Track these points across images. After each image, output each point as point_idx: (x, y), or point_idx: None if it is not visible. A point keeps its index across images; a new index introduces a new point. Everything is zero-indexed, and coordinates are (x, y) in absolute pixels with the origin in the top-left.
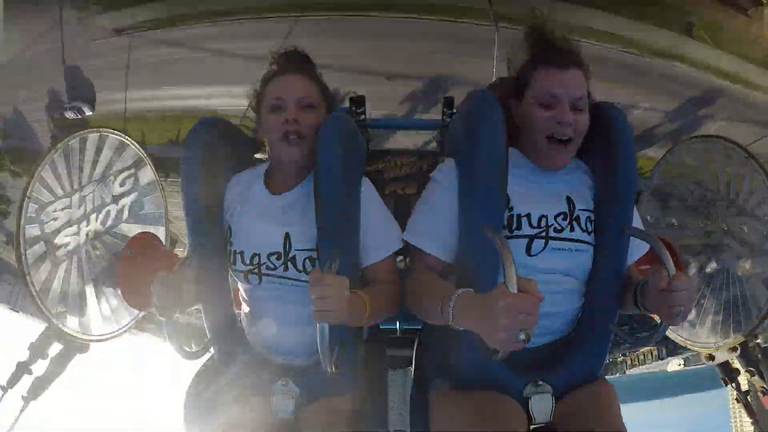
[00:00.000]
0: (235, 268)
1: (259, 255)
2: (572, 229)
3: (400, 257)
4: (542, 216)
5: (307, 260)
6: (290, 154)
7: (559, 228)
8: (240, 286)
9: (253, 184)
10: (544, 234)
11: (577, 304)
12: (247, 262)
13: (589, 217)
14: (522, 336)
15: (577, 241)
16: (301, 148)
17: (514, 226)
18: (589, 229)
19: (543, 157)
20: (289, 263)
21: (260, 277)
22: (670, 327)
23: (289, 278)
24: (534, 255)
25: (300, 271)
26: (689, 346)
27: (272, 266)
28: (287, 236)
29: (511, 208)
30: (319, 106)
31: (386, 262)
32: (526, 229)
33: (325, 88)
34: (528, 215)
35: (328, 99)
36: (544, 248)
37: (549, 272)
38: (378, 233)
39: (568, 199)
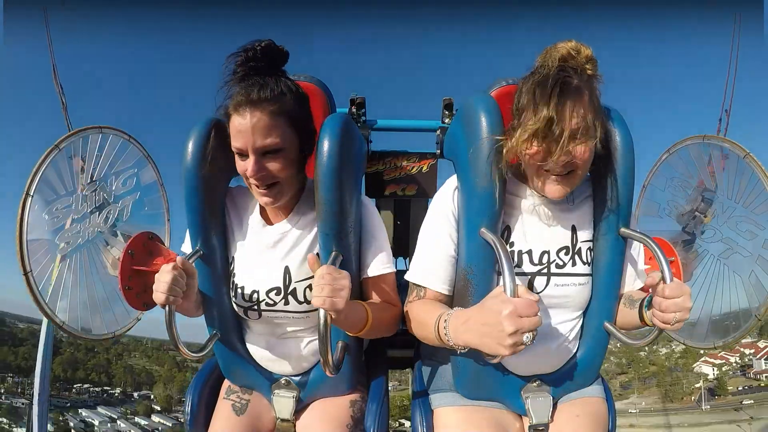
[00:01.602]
0: (235, 301)
1: (258, 292)
2: (574, 264)
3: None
4: (544, 252)
5: (307, 289)
6: (265, 202)
7: (561, 264)
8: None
9: (251, 213)
10: (545, 271)
11: (577, 330)
12: (247, 298)
13: (590, 247)
14: (529, 336)
15: (579, 275)
16: (273, 198)
17: (515, 263)
18: (590, 260)
19: (540, 191)
20: (289, 296)
21: (259, 313)
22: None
23: (290, 311)
24: (537, 293)
25: (301, 302)
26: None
27: (272, 302)
28: (287, 270)
29: (512, 244)
30: (288, 146)
31: (387, 280)
32: (527, 267)
33: (295, 113)
34: (529, 252)
35: (299, 127)
36: (546, 285)
37: (553, 308)
38: (378, 250)
39: (573, 229)
